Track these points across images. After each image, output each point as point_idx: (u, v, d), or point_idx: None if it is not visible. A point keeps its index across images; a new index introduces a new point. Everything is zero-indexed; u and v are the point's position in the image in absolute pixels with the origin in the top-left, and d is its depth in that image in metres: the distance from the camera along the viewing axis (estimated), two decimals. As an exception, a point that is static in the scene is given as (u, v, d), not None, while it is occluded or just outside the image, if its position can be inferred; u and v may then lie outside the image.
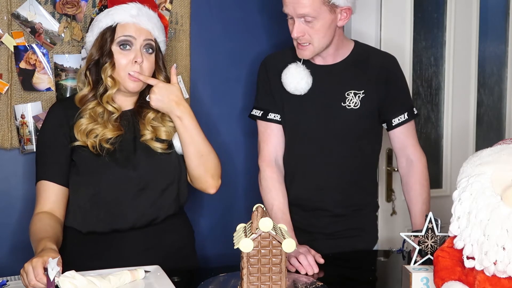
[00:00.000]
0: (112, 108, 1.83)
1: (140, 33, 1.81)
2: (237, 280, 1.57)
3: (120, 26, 1.81)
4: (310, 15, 1.88)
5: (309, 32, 1.92)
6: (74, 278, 1.45)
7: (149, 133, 1.85)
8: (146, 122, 1.86)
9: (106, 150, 1.80)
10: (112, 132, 1.82)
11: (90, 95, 1.85)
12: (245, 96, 2.44)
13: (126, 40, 1.80)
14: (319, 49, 1.97)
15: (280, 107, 2.06)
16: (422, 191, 2.04)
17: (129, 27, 1.81)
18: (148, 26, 1.83)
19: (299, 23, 1.91)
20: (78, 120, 1.82)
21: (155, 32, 1.85)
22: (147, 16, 1.84)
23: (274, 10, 2.47)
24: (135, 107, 1.90)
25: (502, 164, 1.32)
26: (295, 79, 1.99)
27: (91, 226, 1.82)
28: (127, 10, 1.81)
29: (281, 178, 2.06)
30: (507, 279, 1.27)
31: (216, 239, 2.43)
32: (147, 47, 1.83)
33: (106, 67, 1.81)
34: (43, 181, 1.81)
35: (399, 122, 2.06)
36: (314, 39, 1.93)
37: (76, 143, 1.80)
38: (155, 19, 1.86)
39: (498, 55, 2.94)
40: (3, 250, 2.15)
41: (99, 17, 1.85)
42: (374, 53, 2.10)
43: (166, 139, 1.88)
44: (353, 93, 2.02)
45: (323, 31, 1.92)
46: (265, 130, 2.08)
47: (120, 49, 1.81)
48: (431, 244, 1.60)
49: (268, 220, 1.40)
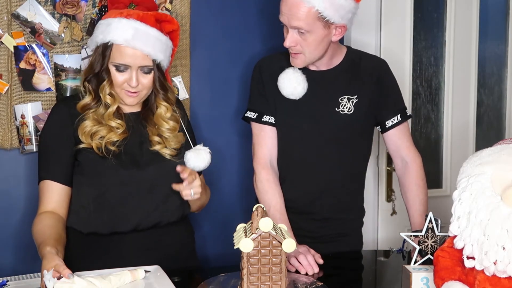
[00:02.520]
0: (116, 124, 1.82)
1: (135, 59, 1.77)
2: (237, 280, 1.57)
3: (116, 47, 1.77)
4: (304, 28, 1.88)
5: (301, 44, 1.92)
6: (73, 283, 1.45)
7: (157, 143, 1.86)
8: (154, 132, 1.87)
9: (112, 152, 1.80)
10: (118, 135, 1.81)
11: (93, 103, 1.83)
12: (245, 96, 2.44)
13: (121, 66, 1.78)
14: (311, 60, 1.98)
15: (273, 110, 2.06)
16: (418, 192, 2.05)
17: (125, 51, 1.76)
18: (144, 50, 1.77)
19: (292, 34, 1.92)
20: (82, 122, 1.81)
21: (152, 53, 1.79)
22: (145, 37, 1.78)
23: (274, 10, 2.46)
24: (141, 109, 1.90)
25: (502, 164, 1.32)
26: (291, 84, 1.99)
27: (94, 228, 1.82)
28: (123, 32, 1.76)
29: (277, 180, 2.06)
30: (507, 279, 1.27)
31: (216, 239, 2.43)
32: (144, 69, 1.80)
33: (104, 85, 1.80)
34: (47, 180, 1.80)
35: (392, 124, 2.07)
36: (305, 51, 1.94)
37: (81, 145, 1.79)
38: (154, 38, 1.80)
39: (498, 55, 2.94)
40: (4, 250, 2.15)
41: (98, 28, 1.82)
42: (365, 58, 2.12)
43: (175, 149, 1.88)
44: (347, 98, 2.03)
45: (314, 44, 1.92)
46: (259, 133, 2.08)
47: (115, 69, 1.79)
48: (431, 244, 1.60)
49: (268, 220, 1.40)
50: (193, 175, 1.79)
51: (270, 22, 2.47)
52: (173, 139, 1.88)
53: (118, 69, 1.79)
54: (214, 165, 2.43)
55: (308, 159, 2.06)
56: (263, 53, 2.42)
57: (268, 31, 2.47)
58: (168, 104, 1.89)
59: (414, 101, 2.73)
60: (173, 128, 1.90)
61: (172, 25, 1.89)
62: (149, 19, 1.82)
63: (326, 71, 2.05)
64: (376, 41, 2.56)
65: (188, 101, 2.34)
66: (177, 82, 2.31)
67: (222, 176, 2.44)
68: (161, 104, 1.88)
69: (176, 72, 2.31)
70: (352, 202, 2.16)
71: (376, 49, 2.55)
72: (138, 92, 1.82)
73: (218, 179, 2.43)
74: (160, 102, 1.88)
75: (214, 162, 2.35)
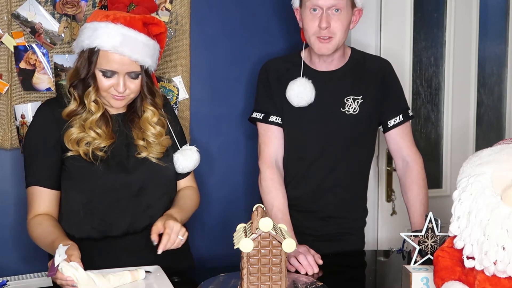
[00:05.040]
0: (95, 135, 1.78)
1: (123, 65, 1.74)
2: (237, 280, 1.57)
3: (103, 53, 1.73)
4: (340, 5, 1.94)
5: (334, 25, 1.96)
6: (76, 270, 1.47)
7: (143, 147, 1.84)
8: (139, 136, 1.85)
9: (99, 158, 1.78)
10: (106, 141, 1.79)
11: (79, 109, 1.79)
12: (245, 96, 2.44)
13: (108, 72, 1.75)
14: (339, 44, 2.00)
15: (280, 111, 2.07)
16: (419, 192, 2.05)
17: (112, 57, 1.73)
18: (132, 56, 1.74)
19: (327, 15, 1.95)
20: (68, 130, 1.78)
21: (140, 60, 1.76)
22: (133, 43, 1.74)
23: (274, 10, 2.47)
24: (126, 111, 1.88)
25: (502, 164, 1.32)
26: (300, 96, 2.01)
27: (86, 233, 1.81)
28: (111, 38, 1.72)
29: (281, 180, 2.07)
30: (507, 279, 1.27)
31: (216, 239, 2.43)
32: (131, 74, 1.77)
33: (90, 91, 1.77)
34: (35, 186, 1.78)
35: (394, 123, 2.08)
36: (337, 32, 1.97)
37: (68, 153, 1.77)
38: (142, 44, 1.76)
39: (498, 55, 2.94)
40: (3, 250, 2.15)
41: (84, 32, 1.77)
42: (370, 59, 2.14)
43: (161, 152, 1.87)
44: (352, 98, 2.05)
45: (345, 25, 1.98)
46: (266, 133, 2.09)
47: (102, 75, 1.76)
48: (431, 244, 1.60)
49: (268, 220, 1.40)
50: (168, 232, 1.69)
51: (270, 22, 2.47)
52: (156, 146, 1.86)
53: (105, 75, 1.75)
54: (213, 165, 2.44)
55: (313, 158, 2.08)
56: (263, 53, 2.42)
57: (267, 31, 2.47)
58: (155, 109, 1.87)
59: (414, 101, 2.73)
60: (158, 134, 1.87)
61: (160, 28, 1.85)
62: (136, 24, 1.77)
63: (332, 71, 2.07)
64: (376, 41, 2.56)
65: (188, 101, 2.34)
66: (177, 82, 2.31)
67: (221, 176, 2.44)
68: (148, 109, 1.86)
69: (176, 72, 2.31)
70: (355, 202, 2.17)
71: (376, 49, 2.55)
72: (125, 96, 1.80)
73: (217, 179, 2.43)
74: (147, 106, 1.86)
75: (213, 162, 2.36)
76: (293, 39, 2.44)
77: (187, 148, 1.93)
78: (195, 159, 1.93)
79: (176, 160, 1.90)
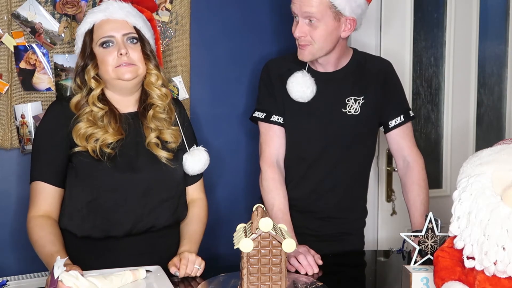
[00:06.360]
0: (97, 109, 1.80)
1: (117, 27, 1.80)
2: (237, 280, 1.56)
3: (97, 26, 1.81)
4: (315, 16, 1.89)
5: (311, 34, 1.93)
6: (77, 278, 1.45)
7: (153, 135, 1.83)
8: (148, 119, 1.84)
9: (107, 155, 1.78)
10: (113, 137, 1.79)
11: (84, 100, 1.82)
12: (245, 96, 2.44)
13: (106, 41, 1.79)
14: (318, 53, 1.98)
15: (282, 110, 2.07)
16: (420, 192, 2.05)
17: (105, 23, 1.80)
18: (121, 15, 1.81)
19: (303, 23, 1.93)
20: (76, 125, 1.79)
21: (130, 19, 1.82)
22: (119, 8, 1.83)
23: (274, 10, 2.47)
24: (138, 109, 1.88)
25: (502, 164, 1.32)
26: (301, 87, 2.00)
27: (87, 232, 1.80)
28: (101, 11, 1.82)
29: (282, 179, 2.07)
30: (507, 279, 1.27)
31: (216, 239, 2.43)
32: (130, 38, 1.81)
33: (89, 69, 1.80)
34: (39, 182, 1.79)
35: (395, 124, 2.08)
36: (314, 42, 1.94)
37: (76, 149, 1.78)
38: (129, 8, 1.85)
39: (498, 55, 2.94)
40: (3, 250, 2.15)
41: (79, 27, 1.87)
42: (371, 59, 2.14)
43: (171, 150, 1.86)
44: (353, 99, 2.05)
45: (324, 35, 1.93)
46: (267, 132, 2.09)
47: (103, 48, 1.80)
48: (431, 244, 1.60)
49: (268, 220, 1.40)
50: (184, 263, 1.71)
51: (270, 22, 2.47)
52: (168, 132, 1.86)
53: (104, 45, 1.80)
54: (213, 165, 2.43)
55: (314, 158, 2.08)
56: (263, 53, 2.42)
57: (267, 31, 2.47)
58: (159, 73, 1.87)
59: (414, 101, 2.73)
60: (164, 95, 1.87)
61: (146, 14, 1.93)
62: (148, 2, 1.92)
63: (333, 72, 2.07)
64: (376, 41, 2.56)
65: (188, 101, 2.34)
66: (177, 82, 2.31)
67: (221, 176, 2.44)
68: (152, 72, 1.86)
69: (176, 72, 2.31)
70: (355, 202, 2.17)
71: (376, 49, 2.55)
72: (133, 65, 1.80)
73: (217, 179, 2.43)
74: (150, 70, 1.86)
75: (213, 162, 2.36)
76: (293, 39, 2.42)
77: (195, 148, 1.93)
78: (204, 158, 1.92)
79: (184, 161, 1.89)
